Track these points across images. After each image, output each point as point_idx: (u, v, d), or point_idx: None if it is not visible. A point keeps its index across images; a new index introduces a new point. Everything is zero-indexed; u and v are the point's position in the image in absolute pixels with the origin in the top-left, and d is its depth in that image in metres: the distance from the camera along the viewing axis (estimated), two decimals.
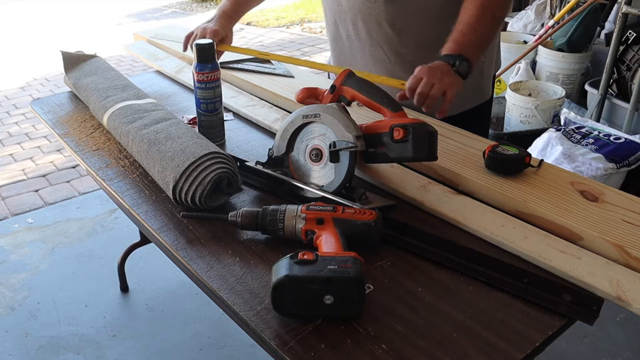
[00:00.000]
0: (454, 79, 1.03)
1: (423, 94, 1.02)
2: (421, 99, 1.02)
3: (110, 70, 1.41)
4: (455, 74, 1.04)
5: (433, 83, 1.01)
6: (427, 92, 1.01)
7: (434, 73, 1.02)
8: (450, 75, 1.03)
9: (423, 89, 1.01)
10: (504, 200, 0.93)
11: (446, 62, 1.04)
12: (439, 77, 1.02)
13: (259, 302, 0.74)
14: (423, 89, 1.01)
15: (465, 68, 1.04)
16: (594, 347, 1.74)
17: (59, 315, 1.93)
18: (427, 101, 1.02)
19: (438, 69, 1.03)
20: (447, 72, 1.03)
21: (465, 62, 1.04)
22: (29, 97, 4.22)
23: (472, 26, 1.06)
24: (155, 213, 0.96)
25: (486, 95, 1.36)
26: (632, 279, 0.76)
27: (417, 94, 1.02)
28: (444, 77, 1.02)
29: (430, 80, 1.01)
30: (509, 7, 1.13)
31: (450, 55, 1.05)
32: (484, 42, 1.10)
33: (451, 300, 0.74)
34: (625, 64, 2.76)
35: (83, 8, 7.62)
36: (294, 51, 5.23)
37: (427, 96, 1.02)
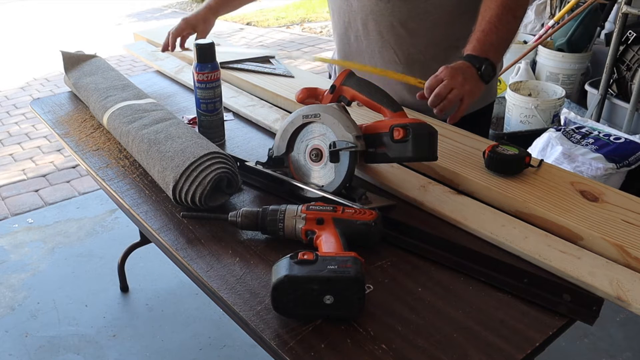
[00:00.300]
0: (474, 86, 1.01)
1: (440, 95, 1.00)
2: (437, 100, 1.00)
3: (110, 70, 1.41)
4: (478, 80, 1.02)
5: (452, 87, 0.99)
6: (444, 94, 1.00)
7: (456, 77, 1.00)
8: (471, 81, 1.01)
9: (441, 91, 0.99)
10: (504, 200, 0.93)
11: (471, 64, 1.02)
12: (461, 83, 1.00)
13: (259, 302, 0.74)
14: (441, 90, 0.99)
15: (489, 73, 1.02)
16: (594, 347, 1.74)
17: (59, 315, 1.93)
18: (443, 104, 1.00)
19: (461, 73, 1.00)
20: (469, 78, 1.01)
21: (490, 66, 1.02)
22: (29, 97, 4.22)
23: (494, 25, 1.03)
24: (155, 213, 0.96)
25: (493, 97, 1.36)
26: (632, 279, 0.76)
27: (434, 94, 1.00)
28: (466, 83, 1.00)
29: (450, 83, 0.99)
30: (527, 6, 1.11)
31: (476, 57, 1.02)
32: (505, 43, 1.07)
33: (451, 300, 0.74)
34: (625, 64, 2.76)
35: (83, 8, 7.62)
36: (294, 51, 5.23)
37: (443, 99, 1.00)
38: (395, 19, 1.18)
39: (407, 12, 1.17)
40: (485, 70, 1.02)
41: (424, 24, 1.18)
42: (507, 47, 1.08)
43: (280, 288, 0.68)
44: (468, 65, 1.02)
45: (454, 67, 1.01)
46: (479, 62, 1.02)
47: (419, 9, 1.16)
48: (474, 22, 1.17)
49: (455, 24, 1.16)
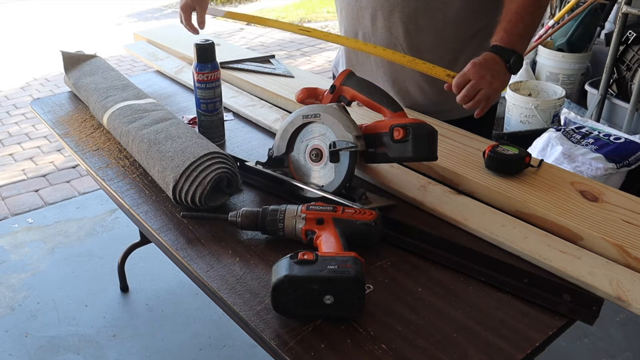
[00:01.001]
0: (502, 81, 1.02)
1: (468, 96, 1.01)
2: (465, 100, 1.02)
3: (110, 70, 1.41)
4: (506, 73, 1.02)
5: (480, 89, 1.00)
6: (472, 96, 1.01)
7: (484, 76, 1.00)
8: (500, 77, 1.01)
9: (469, 92, 1.01)
10: (504, 200, 0.93)
11: (500, 57, 1.02)
12: (489, 82, 1.00)
13: (259, 302, 0.74)
14: (469, 92, 1.01)
15: (516, 65, 1.03)
16: (594, 347, 1.74)
17: (59, 315, 1.93)
18: (470, 104, 1.02)
19: (489, 70, 1.00)
20: (497, 74, 1.01)
21: (518, 58, 1.02)
22: (29, 97, 4.21)
23: (521, 16, 1.03)
24: (155, 213, 0.96)
25: (499, 97, 1.35)
26: (632, 279, 0.76)
27: (462, 95, 1.01)
28: (494, 80, 1.00)
29: (478, 84, 1.00)
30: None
31: (505, 49, 1.02)
32: (531, 33, 1.07)
33: (451, 300, 0.74)
34: (625, 64, 2.76)
35: (83, 8, 7.62)
36: (294, 51, 5.23)
37: (471, 99, 1.01)
38: (405, 15, 1.17)
39: (416, 8, 1.16)
40: (513, 63, 1.02)
41: (433, 22, 1.17)
42: (531, 37, 1.08)
43: (280, 288, 0.68)
44: (497, 59, 1.02)
45: (483, 64, 1.01)
46: (508, 54, 1.02)
47: (429, 5, 1.15)
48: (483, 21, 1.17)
49: (465, 22, 1.16)
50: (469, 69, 1.01)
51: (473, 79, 1.00)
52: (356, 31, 1.27)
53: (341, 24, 1.33)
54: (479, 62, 1.01)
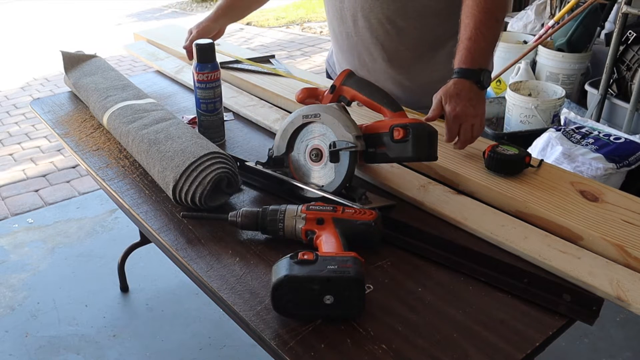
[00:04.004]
0: (482, 102, 1.01)
1: (467, 142, 1.02)
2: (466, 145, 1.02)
3: (110, 70, 1.41)
4: (480, 92, 1.01)
5: (472, 124, 1.00)
6: (470, 137, 1.01)
7: (466, 111, 0.99)
8: (479, 102, 1.01)
9: (466, 138, 1.01)
10: (504, 200, 0.93)
11: (470, 79, 1.00)
12: (473, 114, 0.99)
13: (259, 302, 0.74)
14: (466, 137, 1.01)
15: (488, 79, 1.02)
16: (594, 347, 1.74)
17: (59, 315, 1.93)
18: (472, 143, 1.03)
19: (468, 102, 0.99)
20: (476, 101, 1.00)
21: (487, 72, 1.02)
22: (29, 97, 4.21)
23: (480, 31, 1.02)
24: (155, 213, 0.96)
25: None
26: (632, 279, 0.76)
27: (460, 142, 1.02)
28: (477, 109, 1.00)
29: (467, 124, 1.00)
30: (508, 7, 1.11)
31: (472, 71, 1.01)
32: (492, 47, 1.07)
33: (451, 300, 0.74)
34: (625, 64, 2.76)
35: (83, 8, 7.63)
36: (294, 51, 5.23)
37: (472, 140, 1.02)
38: (384, 16, 1.20)
39: (395, 10, 1.18)
40: (484, 80, 1.01)
41: (412, 22, 1.20)
42: (493, 50, 1.08)
43: (280, 288, 0.68)
44: (467, 84, 1.00)
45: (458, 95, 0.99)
46: (476, 75, 1.01)
47: (407, 7, 1.18)
48: None
49: (444, 23, 1.17)
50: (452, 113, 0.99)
51: (460, 121, 0.99)
52: (341, 31, 1.30)
53: (329, 25, 1.36)
54: (454, 96, 0.99)
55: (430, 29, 1.21)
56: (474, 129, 1.00)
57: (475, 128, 1.00)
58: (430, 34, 1.21)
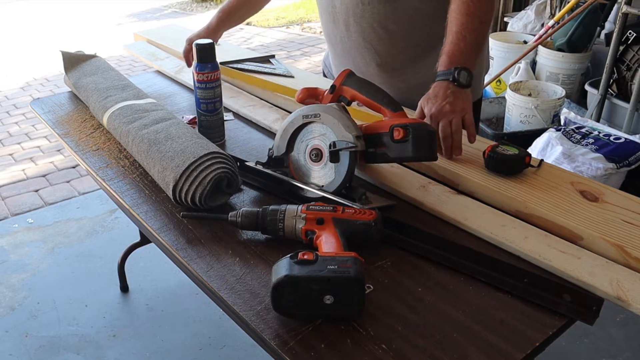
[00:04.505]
0: (462, 100, 1.02)
1: (447, 137, 1.01)
2: (448, 142, 1.01)
3: (110, 70, 1.41)
4: (461, 90, 1.02)
5: (449, 121, 1.00)
6: (449, 132, 1.01)
7: (442, 110, 1.00)
8: (458, 99, 1.01)
9: (445, 134, 1.01)
10: (504, 200, 0.93)
11: (446, 80, 1.02)
12: (450, 111, 1.00)
13: (259, 302, 0.74)
14: (445, 133, 1.00)
15: (464, 77, 1.02)
16: (594, 347, 1.74)
17: (59, 315, 1.93)
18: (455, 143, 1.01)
19: (444, 100, 1.00)
20: (453, 98, 1.01)
21: (464, 71, 1.02)
22: (29, 97, 4.21)
23: (461, 34, 1.04)
24: (155, 213, 0.96)
25: (479, 92, 1.38)
26: (632, 279, 0.76)
27: (442, 140, 1.01)
28: (455, 106, 1.00)
29: (444, 122, 1.00)
30: (493, 8, 1.11)
31: (447, 72, 1.03)
32: (476, 47, 1.07)
33: (451, 300, 0.74)
34: (625, 64, 2.76)
35: (83, 8, 7.63)
36: (294, 51, 5.23)
37: (452, 137, 1.01)
38: (375, 20, 1.20)
39: (386, 14, 1.19)
40: (460, 77, 1.01)
41: (403, 26, 1.20)
42: (479, 50, 1.09)
43: (280, 288, 0.68)
44: (444, 84, 1.02)
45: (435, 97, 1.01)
46: (450, 74, 1.02)
47: (398, 11, 1.18)
48: None
49: (435, 25, 1.17)
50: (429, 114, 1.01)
51: (438, 120, 1.00)
52: (335, 35, 1.30)
53: (324, 29, 1.36)
54: (432, 97, 1.02)
55: (421, 31, 1.21)
56: (453, 125, 1.00)
57: (454, 123, 1.00)
58: (422, 37, 1.22)
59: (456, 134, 1.01)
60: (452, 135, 1.01)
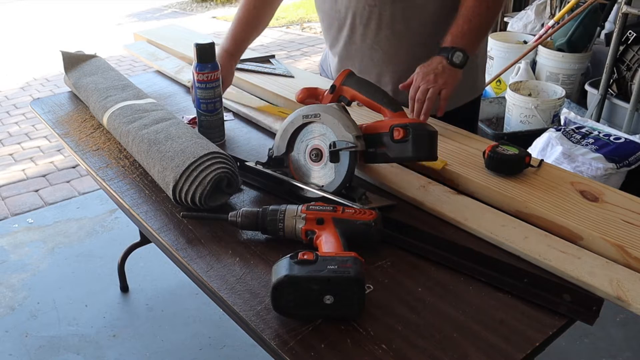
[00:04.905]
0: (448, 76, 1.08)
1: (420, 101, 1.08)
2: (419, 106, 1.08)
3: (110, 70, 1.41)
4: (452, 68, 1.08)
5: (427, 89, 1.07)
6: (423, 99, 1.07)
7: (427, 77, 1.08)
8: (444, 74, 1.08)
9: (419, 97, 1.08)
10: (504, 200, 0.93)
11: (442, 56, 1.09)
12: (433, 80, 1.07)
13: (259, 302, 0.74)
14: (419, 96, 1.08)
15: (460, 58, 1.09)
16: (594, 347, 1.74)
17: (59, 315, 1.93)
18: (425, 106, 1.07)
19: (432, 71, 1.08)
20: (441, 71, 1.08)
21: (460, 52, 1.08)
22: (29, 97, 4.21)
23: (467, 17, 1.10)
24: (155, 213, 0.96)
25: (480, 89, 1.39)
26: (632, 279, 0.76)
27: (415, 102, 1.08)
28: (438, 77, 1.07)
29: (425, 86, 1.07)
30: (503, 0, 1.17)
31: (445, 48, 1.10)
32: (479, 32, 1.14)
33: (451, 300, 0.74)
34: (625, 64, 2.76)
35: (83, 8, 7.63)
36: (294, 51, 5.23)
37: (423, 102, 1.08)
38: (383, 21, 1.20)
39: (393, 14, 1.19)
40: (455, 57, 1.08)
41: (411, 26, 1.20)
42: (482, 36, 1.16)
43: (280, 288, 0.68)
44: (438, 58, 1.09)
45: (426, 66, 1.09)
46: (448, 51, 1.09)
47: (406, 10, 1.18)
48: None
49: (441, 24, 1.17)
50: (415, 77, 1.10)
51: (420, 84, 1.08)
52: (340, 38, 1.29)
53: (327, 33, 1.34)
54: (424, 68, 1.10)
55: (428, 29, 1.21)
56: (429, 93, 1.07)
57: (430, 92, 1.07)
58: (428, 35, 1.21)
59: (428, 101, 1.07)
60: (424, 101, 1.08)
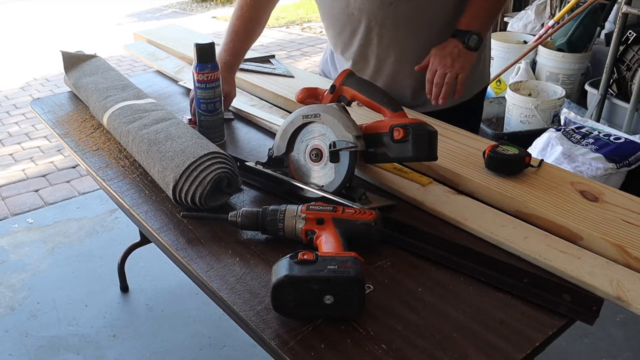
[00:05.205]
0: (464, 60, 1.13)
1: (439, 85, 1.13)
2: (438, 90, 1.13)
3: (110, 70, 1.41)
4: (467, 52, 1.14)
5: (445, 73, 1.12)
6: (441, 83, 1.13)
7: (444, 61, 1.12)
8: (460, 57, 1.13)
9: (438, 81, 1.13)
10: (504, 200, 0.93)
11: (457, 38, 1.14)
12: (450, 65, 1.12)
13: (259, 302, 0.74)
14: (437, 80, 1.13)
15: (475, 42, 1.14)
16: (594, 347, 1.74)
17: (59, 315, 1.93)
18: (444, 91, 1.13)
19: (448, 55, 1.13)
20: (457, 55, 1.13)
21: (475, 35, 1.14)
22: (29, 97, 4.21)
23: (479, 3, 1.16)
24: (155, 213, 0.96)
25: (486, 81, 1.41)
26: (632, 279, 0.76)
27: (433, 86, 1.14)
28: (455, 62, 1.12)
29: (442, 70, 1.12)
30: None
31: (461, 32, 1.15)
32: (491, 16, 1.19)
33: (451, 300, 0.74)
34: (625, 64, 2.76)
35: (83, 8, 7.63)
36: (294, 51, 5.23)
37: (441, 86, 1.13)
38: (399, 18, 1.19)
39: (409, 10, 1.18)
40: (470, 41, 1.14)
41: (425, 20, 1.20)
42: (493, 18, 1.21)
43: (280, 288, 0.68)
44: (454, 42, 1.14)
45: (442, 50, 1.14)
46: (463, 35, 1.14)
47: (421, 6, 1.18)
48: None
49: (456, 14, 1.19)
50: (432, 62, 1.14)
51: (437, 68, 1.13)
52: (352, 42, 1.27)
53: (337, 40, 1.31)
54: (440, 50, 1.14)
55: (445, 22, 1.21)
56: (447, 78, 1.12)
57: (448, 77, 1.12)
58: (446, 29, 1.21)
59: (446, 85, 1.13)
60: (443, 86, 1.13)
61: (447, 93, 1.13)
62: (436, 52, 1.14)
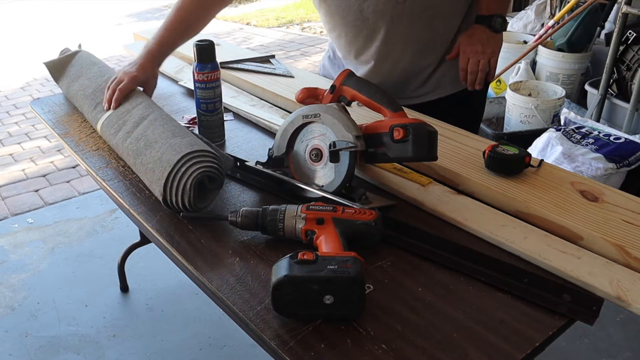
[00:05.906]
0: (494, 44, 1.20)
1: (474, 73, 1.20)
2: (473, 78, 1.20)
3: (92, 65, 1.36)
4: (494, 35, 1.19)
5: (478, 60, 1.19)
6: (476, 70, 1.20)
7: (476, 48, 1.18)
8: (489, 42, 1.19)
9: (472, 69, 1.20)
10: (504, 200, 0.93)
11: (482, 24, 1.20)
12: (482, 51, 1.18)
13: (259, 302, 0.74)
14: (472, 68, 1.20)
15: (500, 23, 1.20)
16: (594, 347, 1.74)
17: (59, 315, 1.93)
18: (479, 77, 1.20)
19: (478, 42, 1.18)
20: (486, 40, 1.19)
21: (499, 17, 1.19)
22: (29, 97, 4.22)
23: None
24: (155, 213, 0.96)
25: None
26: (632, 279, 0.76)
27: (468, 74, 1.20)
28: (486, 47, 1.18)
29: (475, 58, 1.19)
30: None
31: (485, 17, 1.20)
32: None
33: (451, 300, 0.74)
34: (625, 64, 2.76)
35: (83, 8, 7.63)
36: (294, 51, 5.23)
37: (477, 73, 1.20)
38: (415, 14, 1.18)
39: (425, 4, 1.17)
40: (496, 23, 1.20)
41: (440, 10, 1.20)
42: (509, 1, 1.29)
43: (280, 288, 0.68)
44: (481, 27, 1.20)
45: (470, 37, 1.19)
46: (488, 20, 1.19)
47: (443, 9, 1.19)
48: None
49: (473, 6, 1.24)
50: (463, 50, 1.19)
51: (470, 56, 1.18)
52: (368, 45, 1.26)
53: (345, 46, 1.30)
54: (467, 36, 1.19)
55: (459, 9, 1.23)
56: (480, 64, 1.19)
57: (481, 63, 1.18)
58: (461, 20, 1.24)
59: (481, 72, 1.19)
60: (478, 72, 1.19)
61: (482, 79, 1.20)
62: (465, 39, 1.18)
